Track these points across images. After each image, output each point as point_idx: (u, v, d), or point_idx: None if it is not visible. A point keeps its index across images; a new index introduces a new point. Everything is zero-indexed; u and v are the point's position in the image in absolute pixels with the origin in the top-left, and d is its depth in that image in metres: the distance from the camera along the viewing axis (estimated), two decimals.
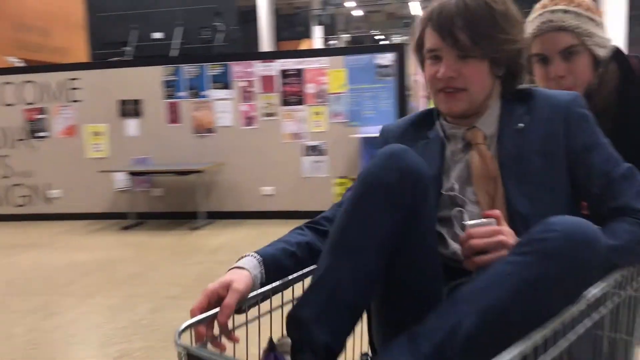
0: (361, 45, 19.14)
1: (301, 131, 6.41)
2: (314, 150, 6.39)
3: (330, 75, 6.28)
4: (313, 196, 6.37)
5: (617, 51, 1.66)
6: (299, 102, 6.39)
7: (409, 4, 19.86)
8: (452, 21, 1.26)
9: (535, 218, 1.13)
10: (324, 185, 6.37)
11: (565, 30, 1.61)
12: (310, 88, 6.35)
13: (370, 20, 26.10)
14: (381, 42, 26.06)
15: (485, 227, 1.14)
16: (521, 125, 1.31)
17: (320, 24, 20.24)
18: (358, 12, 24.23)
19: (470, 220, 1.20)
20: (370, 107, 6.19)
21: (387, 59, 6.13)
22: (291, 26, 21.29)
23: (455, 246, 1.29)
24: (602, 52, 1.63)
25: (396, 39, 24.09)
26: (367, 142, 5.92)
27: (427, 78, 1.36)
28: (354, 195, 1.16)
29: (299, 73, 6.36)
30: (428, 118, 1.46)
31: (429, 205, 1.20)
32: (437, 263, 1.23)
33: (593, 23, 1.63)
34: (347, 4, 21.68)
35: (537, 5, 1.69)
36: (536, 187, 1.25)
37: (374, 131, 6.02)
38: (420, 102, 5.44)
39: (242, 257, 1.22)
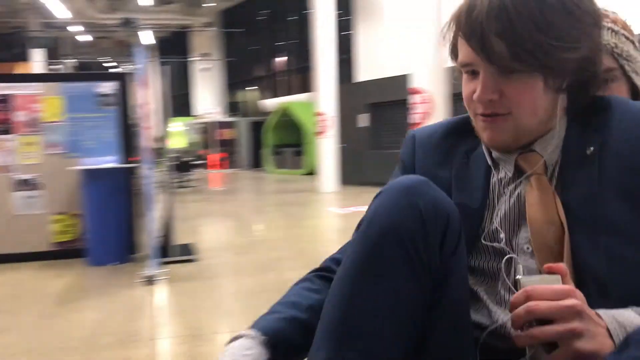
0: (80, 73, 18.07)
1: (9, 163, 5.72)
2: (26, 184, 5.75)
3: (44, 102, 5.74)
4: (26, 236, 5.71)
5: None
6: (6, 131, 5.71)
7: (139, 33, 19.43)
8: (483, 26, 0.90)
9: (613, 281, 0.87)
10: (40, 223, 5.75)
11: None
12: (20, 116, 5.72)
13: (99, 47, 24.86)
14: (110, 70, 24.97)
15: (550, 286, 0.80)
16: (591, 149, 0.95)
17: (40, 46, 18.61)
18: (87, 37, 22.91)
19: (525, 274, 0.87)
20: (92, 138, 5.79)
21: (108, 87, 5.83)
22: (6, 47, 19.20)
23: (499, 313, 0.96)
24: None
25: (127, 67, 23.28)
26: (89, 174, 5.52)
27: (464, 97, 1.03)
28: (359, 249, 0.88)
29: (5, 99, 5.70)
30: (469, 128, 1.06)
31: (461, 261, 0.91)
32: (471, 342, 0.92)
33: (632, 45, 1.29)
34: (72, 28, 20.34)
35: None
36: (615, 239, 0.89)
37: (95, 162, 5.67)
38: (144, 134, 5.20)
39: (235, 338, 0.94)
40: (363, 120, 13.56)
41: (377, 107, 13.35)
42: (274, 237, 7.28)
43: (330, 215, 9.13)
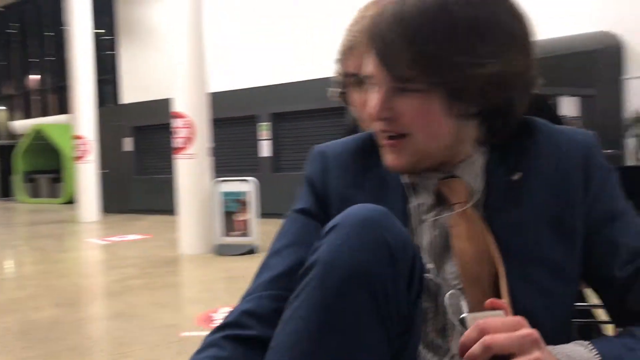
0: None
1: None
2: None
3: None
4: None
5: None
6: None
7: None
8: (387, 34, 0.83)
9: (544, 315, 0.83)
10: None
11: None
12: None
13: None
14: None
15: (502, 318, 0.74)
16: (518, 174, 0.89)
17: None
18: None
19: (466, 311, 0.78)
20: None
21: None
22: None
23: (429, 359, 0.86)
24: None
25: None
26: None
27: (368, 113, 0.91)
28: (317, 299, 0.74)
29: None
30: (377, 146, 0.94)
31: (421, 303, 0.81)
32: None
33: None
34: None
35: (360, 9, 1.22)
36: (545, 272, 0.86)
37: None
38: None
39: None
40: (127, 144, 12.92)
41: (142, 131, 12.83)
42: (19, 275, 6.48)
43: (89, 246, 8.43)
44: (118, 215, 12.23)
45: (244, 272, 6.04)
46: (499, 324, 0.72)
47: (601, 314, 0.97)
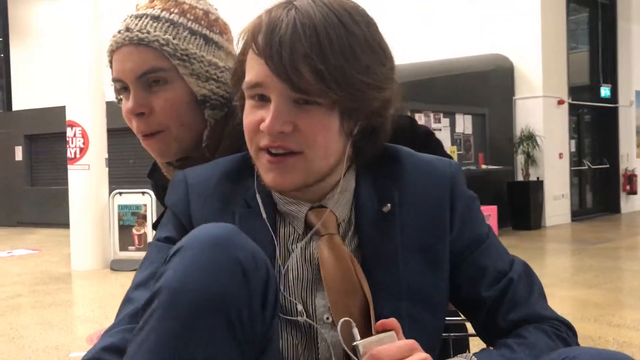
0: None
1: None
2: None
3: None
4: None
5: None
6: None
7: None
8: (288, 45, 0.78)
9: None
10: None
11: (147, 45, 1.07)
12: None
13: None
14: None
15: (394, 344, 0.75)
16: (387, 206, 0.89)
17: None
18: None
19: (358, 338, 0.77)
20: None
21: None
22: None
23: None
24: (204, 89, 1.10)
25: None
26: None
27: (246, 127, 0.86)
28: (165, 328, 0.68)
29: None
30: (246, 170, 0.92)
31: (276, 322, 0.79)
32: None
33: (200, 40, 1.10)
34: None
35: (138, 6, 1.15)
36: (414, 304, 0.87)
37: None
38: None
39: None
40: (19, 153, 12.20)
41: (34, 139, 12.16)
42: None
43: None
44: (6, 228, 11.48)
45: None
46: (394, 350, 0.74)
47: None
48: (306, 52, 0.78)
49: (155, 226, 1.38)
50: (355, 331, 0.79)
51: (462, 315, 1.01)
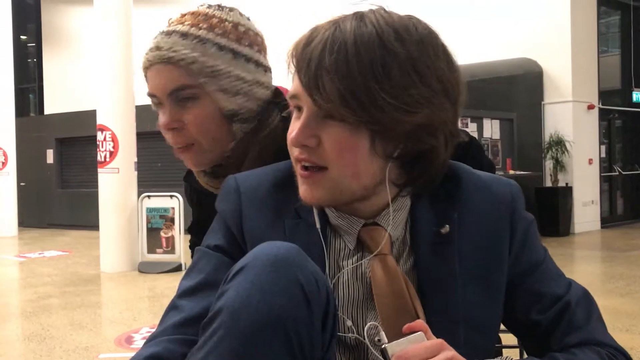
0: None
1: None
2: None
3: None
4: None
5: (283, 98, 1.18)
6: None
7: None
8: (316, 58, 0.78)
9: None
10: None
11: (175, 64, 1.08)
12: None
13: None
14: None
15: (421, 344, 0.75)
16: (445, 227, 0.86)
17: None
18: None
19: (386, 340, 0.77)
20: None
21: None
22: None
23: None
24: (233, 104, 1.12)
25: None
26: None
27: (287, 137, 0.85)
28: (227, 345, 0.68)
29: None
30: (297, 179, 0.87)
31: (334, 344, 0.78)
32: None
33: (229, 55, 1.11)
34: None
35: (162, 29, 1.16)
36: (467, 326, 0.84)
37: None
38: None
39: None
40: (50, 156, 12.43)
41: (65, 143, 12.39)
42: None
43: (3, 263, 8.01)
44: (37, 230, 11.71)
45: (168, 290, 5.88)
46: (422, 350, 0.73)
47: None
48: (330, 68, 0.77)
49: (190, 230, 1.40)
50: (383, 334, 0.79)
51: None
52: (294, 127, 0.83)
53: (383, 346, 0.76)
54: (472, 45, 9.41)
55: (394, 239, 0.87)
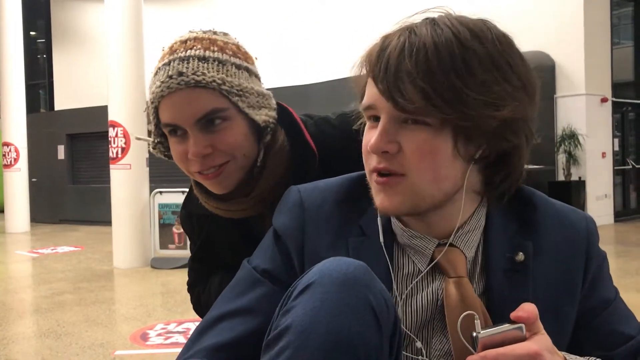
0: None
1: None
2: None
3: None
4: None
5: (284, 112, 1.20)
6: None
7: None
8: (394, 63, 0.76)
9: None
10: None
11: (205, 87, 1.06)
12: None
13: None
14: None
15: (512, 351, 0.69)
16: (521, 255, 0.84)
17: None
18: None
19: (480, 330, 0.72)
20: None
21: None
22: None
23: None
24: (262, 116, 1.13)
25: None
26: None
27: (362, 148, 0.84)
28: None
29: None
30: (362, 193, 0.87)
31: None
32: None
33: (245, 73, 1.14)
34: None
35: (164, 52, 1.14)
36: None
37: None
38: None
39: None
40: (61, 152, 12.48)
41: (76, 139, 12.43)
42: None
43: (16, 259, 8.05)
44: (49, 225, 11.77)
45: (181, 286, 5.88)
46: (511, 358, 0.69)
47: None
48: (410, 70, 0.75)
49: (194, 258, 1.40)
50: (477, 323, 0.74)
51: None
52: (370, 136, 0.80)
53: (474, 334, 0.72)
54: None
55: (468, 262, 0.85)
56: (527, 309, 0.72)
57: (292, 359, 0.68)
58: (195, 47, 1.10)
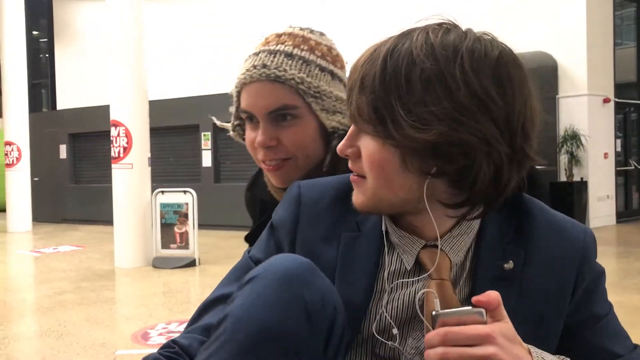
0: None
1: None
2: None
3: None
4: None
5: None
6: None
7: None
8: (355, 75, 0.80)
9: None
10: None
11: (283, 83, 1.11)
12: None
13: None
14: None
15: (466, 331, 0.69)
16: (511, 263, 0.84)
17: None
18: None
19: (439, 308, 0.74)
20: None
21: None
22: None
23: None
24: (333, 122, 1.15)
25: None
26: None
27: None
28: (228, 349, 0.72)
29: None
30: None
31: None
32: None
33: (328, 76, 1.17)
34: None
35: (260, 42, 1.19)
36: None
37: None
38: None
39: None
40: (63, 151, 12.49)
41: (78, 138, 12.43)
42: None
43: (18, 258, 8.07)
44: (51, 225, 11.78)
45: (183, 286, 5.89)
46: (462, 336, 0.69)
47: None
48: (360, 82, 0.79)
49: (248, 238, 1.40)
50: (437, 302, 0.76)
51: None
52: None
53: (433, 313, 0.73)
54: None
55: (453, 264, 0.85)
56: (489, 295, 0.72)
57: (224, 345, 0.73)
58: (286, 43, 1.15)
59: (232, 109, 1.23)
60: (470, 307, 0.72)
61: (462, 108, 0.74)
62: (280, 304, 0.72)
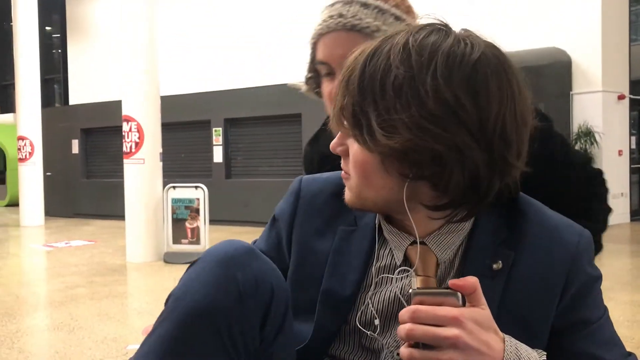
0: None
1: None
2: None
3: None
4: None
5: None
6: None
7: None
8: (345, 74, 0.82)
9: None
10: None
11: (360, 31, 1.10)
12: None
13: None
14: None
15: (436, 311, 0.70)
16: (500, 263, 0.84)
17: None
18: None
19: (416, 287, 0.78)
20: None
21: None
22: None
23: None
24: None
25: None
26: None
27: None
28: (166, 330, 0.77)
29: None
30: None
31: (286, 340, 0.84)
32: None
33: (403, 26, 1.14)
34: None
35: None
36: None
37: None
38: None
39: None
40: (75, 146, 12.55)
41: (90, 133, 12.49)
42: None
43: (30, 252, 8.11)
44: (63, 219, 11.85)
45: None
46: (431, 316, 0.69)
47: None
48: (345, 80, 0.80)
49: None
50: (414, 280, 0.80)
51: None
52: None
53: (410, 291, 0.74)
54: (498, 34, 9.20)
55: (441, 261, 0.85)
56: (466, 279, 0.72)
57: (165, 321, 0.78)
58: None
59: (308, 61, 1.22)
60: (448, 289, 0.72)
61: (430, 116, 0.73)
62: (213, 284, 0.77)
